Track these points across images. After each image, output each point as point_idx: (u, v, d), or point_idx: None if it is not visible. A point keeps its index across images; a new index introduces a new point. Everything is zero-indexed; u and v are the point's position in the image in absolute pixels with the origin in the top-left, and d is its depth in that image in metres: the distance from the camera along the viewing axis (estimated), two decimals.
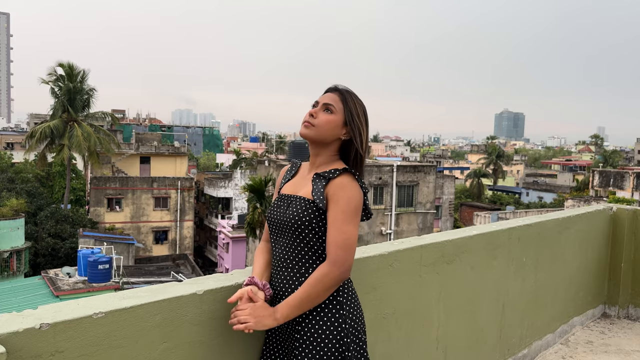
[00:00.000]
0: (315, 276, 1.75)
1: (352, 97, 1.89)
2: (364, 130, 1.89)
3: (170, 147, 43.32)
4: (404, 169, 26.37)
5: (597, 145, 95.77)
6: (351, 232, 1.75)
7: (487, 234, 3.33)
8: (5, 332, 1.41)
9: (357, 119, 1.87)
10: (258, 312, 1.74)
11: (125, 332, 1.63)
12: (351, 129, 1.86)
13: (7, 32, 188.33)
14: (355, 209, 1.77)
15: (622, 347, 4.22)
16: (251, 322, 1.72)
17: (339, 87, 1.91)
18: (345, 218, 1.75)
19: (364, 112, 1.91)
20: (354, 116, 1.86)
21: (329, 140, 1.87)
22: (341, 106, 1.87)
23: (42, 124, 34.38)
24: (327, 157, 1.89)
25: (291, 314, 1.75)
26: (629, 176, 31.15)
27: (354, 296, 1.87)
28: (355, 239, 1.77)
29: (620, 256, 4.79)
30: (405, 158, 66.27)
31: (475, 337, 3.30)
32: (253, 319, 1.73)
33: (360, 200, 1.79)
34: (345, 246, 1.74)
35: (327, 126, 1.85)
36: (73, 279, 21.43)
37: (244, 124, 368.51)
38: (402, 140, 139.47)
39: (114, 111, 52.99)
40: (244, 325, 1.72)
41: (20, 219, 28.48)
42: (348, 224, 1.75)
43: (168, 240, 37.53)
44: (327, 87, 1.94)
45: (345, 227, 1.75)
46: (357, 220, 1.78)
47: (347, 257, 1.75)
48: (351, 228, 1.76)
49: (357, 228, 1.78)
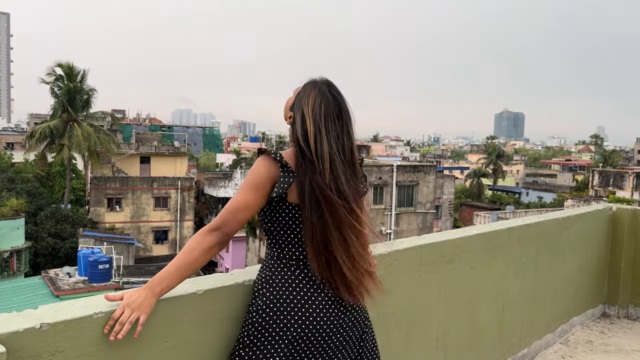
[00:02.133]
0: (193, 237, 1.74)
1: (305, 86, 1.86)
2: (298, 107, 1.81)
3: (170, 147, 43.29)
4: (404, 168, 26.37)
5: (597, 145, 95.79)
6: (239, 198, 1.74)
7: (487, 233, 3.33)
8: (5, 332, 1.41)
9: (295, 99, 1.84)
10: (131, 299, 1.61)
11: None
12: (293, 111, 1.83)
13: (7, 32, 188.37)
14: (250, 179, 1.74)
15: (621, 347, 4.22)
16: (136, 311, 1.60)
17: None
18: (241, 187, 1.76)
19: (304, 91, 1.84)
20: (295, 100, 1.84)
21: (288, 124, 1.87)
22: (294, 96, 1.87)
23: (42, 124, 34.39)
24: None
25: (165, 281, 1.66)
26: (628, 176, 31.15)
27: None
28: (240, 205, 1.73)
29: (620, 256, 4.79)
30: (405, 158, 66.21)
31: (475, 337, 3.30)
32: (130, 310, 1.59)
33: (259, 172, 1.74)
34: (227, 208, 1.74)
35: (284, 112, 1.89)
36: (73, 279, 21.43)
37: (244, 123, 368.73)
38: (401, 140, 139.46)
39: (114, 111, 52.97)
40: (128, 323, 1.58)
41: (20, 218, 28.48)
42: (240, 192, 1.75)
43: (168, 240, 37.52)
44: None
45: (237, 194, 1.75)
46: (252, 190, 1.73)
47: (225, 218, 1.73)
48: (240, 194, 1.74)
49: (248, 196, 1.73)
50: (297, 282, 1.75)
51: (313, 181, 1.71)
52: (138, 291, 1.64)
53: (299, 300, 1.73)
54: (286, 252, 1.78)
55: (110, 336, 1.57)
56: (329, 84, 1.85)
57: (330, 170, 1.73)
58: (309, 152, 1.73)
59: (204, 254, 1.70)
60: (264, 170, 1.74)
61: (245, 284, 1.93)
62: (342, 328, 1.78)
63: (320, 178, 1.71)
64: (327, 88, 1.83)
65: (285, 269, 1.77)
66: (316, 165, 1.72)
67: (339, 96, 1.83)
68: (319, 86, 1.83)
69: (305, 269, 1.77)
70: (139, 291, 1.64)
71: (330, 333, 1.75)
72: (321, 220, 1.72)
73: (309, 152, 1.73)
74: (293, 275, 1.76)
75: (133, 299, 1.61)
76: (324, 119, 1.76)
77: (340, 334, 1.78)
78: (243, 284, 1.92)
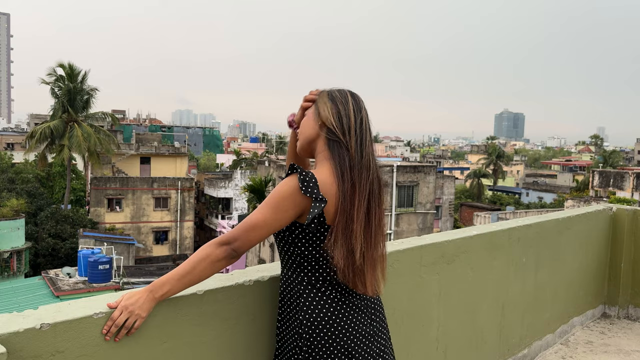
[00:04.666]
0: (202, 248, 1.70)
1: (324, 95, 1.85)
2: (330, 113, 1.79)
3: (170, 147, 43.30)
4: (404, 169, 26.38)
5: (597, 146, 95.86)
6: (256, 216, 1.69)
7: (487, 234, 3.33)
8: (5, 332, 1.41)
9: (323, 106, 1.82)
10: (130, 301, 1.60)
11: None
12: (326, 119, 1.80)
13: (7, 33, 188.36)
14: (273, 198, 1.69)
15: (622, 347, 4.22)
16: (134, 313, 1.59)
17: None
18: (260, 206, 1.70)
19: (334, 98, 1.82)
20: (321, 108, 1.82)
21: (313, 138, 1.83)
22: (313, 105, 1.86)
23: (42, 124, 34.40)
24: (317, 159, 1.84)
25: (167, 286, 1.64)
26: (628, 176, 31.14)
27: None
28: (256, 223, 1.68)
29: (620, 256, 4.79)
30: (405, 158, 66.15)
31: (475, 337, 3.30)
32: (128, 313, 1.58)
33: (283, 192, 1.68)
34: (241, 224, 1.70)
35: (302, 127, 1.85)
36: (73, 279, 21.44)
37: (244, 124, 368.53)
38: (402, 140, 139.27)
39: (114, 111, 53.01)
40: (124, 328, 1.59)
41: (20, 219, 28.53)
42: (258, 210, 1.69)
43: (168, 240, 37.52)
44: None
45: (255, 212, 1.70)
46: (273, 209, 1.67)
47: (243, 234, 1.68)
48: (258, 212, 1.68)
49: (266, 215, 1.68)
50: (337, 307, 1.75)
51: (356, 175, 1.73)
52: (138, 293, 1.63)
53: (343, 327, 1.73)
54: (320, 273, 1.76)
55: (106, 336, 1.57)
56: (356, 96, 1.86)
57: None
58: (357, 156, 1.74)
59: (210, 266, 1.67)
60: (284, 190, 1.69)
61: (246, 284, 1.93)
62: (379, 330, 1.83)
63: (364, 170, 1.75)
64: (358, 102, 1.84)
65: (321, 295, 1.75)
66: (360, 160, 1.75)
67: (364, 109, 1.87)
68: (355, 98, 1.84)
69: (337, 287, 1.76)
70: (139, 293, 1.63)
71: (373, 345, 1.78)
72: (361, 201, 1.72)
73: (341, 164, 1.73)
74: (330, 300, 1.74)
75: (132, 301, 1.60)
76: (367, 131, 1.81)
77: (380, 336, 1.82)
78: (243, 284, 1.92)
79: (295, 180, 1.69)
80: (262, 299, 1.97)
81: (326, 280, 1.75)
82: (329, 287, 1.75)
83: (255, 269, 2.08)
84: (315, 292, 1.74)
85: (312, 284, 1.75)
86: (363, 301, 1.80)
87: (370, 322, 1.80)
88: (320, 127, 1.80)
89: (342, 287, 1.76)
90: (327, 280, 1.75)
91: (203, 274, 1.67)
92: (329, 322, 1.72)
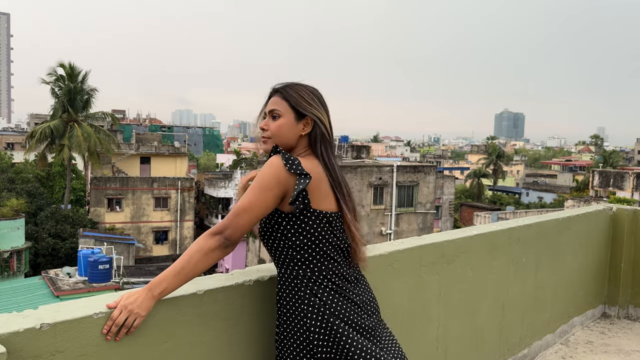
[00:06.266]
0: (195, 241, 1.71)
1: (293, 89, 1.82)
2: (318, 112, 1.81)
3: (170, 147, 43.29)
4: (404, 169, 26.36)
5: (597, 146, 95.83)
6: (242, 201, 1.69)
7: (487, 234, 3.33)
8: (5, 332, 1.41)
9: (308, 106, 1.80)
10: (129, 301, 1.60)
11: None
12: (310, 118, 1.80)
13: (7, 33, 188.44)
14: (261, 180, 1.69)
15: (622, 347, 4.22)
16: (133, 312, 1.58)
17: (277, 87, 1.85)
18: (250, 188, 1.70)
19: (312, 96, 1.82)
20: (303, 107, 1.80)
21: (292, 143, 1.81)
22: (286, 105, 1.80)
23: (42, 124, 34.40)
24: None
25: (165, 283, 1.64)
26: (628, 176, 31.15)
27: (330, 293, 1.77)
28: (243, 208, 1.69)
29: (620, 256, 4.79)
30: (405, 158, 66.20)
31: (475, 337, 3.30)
32: (127, 312, 1.58)
33: (267, 171, 1.69)
34: (230, 213, 1.70)
35: (280, 132, 1.80)
36: (73, 279, 21.43)
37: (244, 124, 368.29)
38: (402, 140, 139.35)
39: (114, 111, 53.00)
40: (124, 327, 1.59)
41: (20, 219, 28.51)
42: (249, 193, 1.69)
43: (168, 240, 37.52)
44: (269, 93, 1.87)
45: (246, 196, 1.70)
46: (257, 190, 1.69)
47: (232, 221, 1.68)
48: (249, 196, 1.69)
49: (251, 198, 1.68)
50: (342, 300, 1.77)
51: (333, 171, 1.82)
52: (137, 292, 1.63)
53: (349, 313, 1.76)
54: (319, 266, 1.77)
55: (107, 336, 1.57)
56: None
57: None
58: (327, 151, 1.82)
59: (204, 258, 1.67)
60: (272, 171, 1.70)
61: (246, 284, 1.93)
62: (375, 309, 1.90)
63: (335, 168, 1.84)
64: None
65: (317, 288, 1.76)
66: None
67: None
68: (302, 87, 1.85)
69: (337, 271, 1.79)
70: (138, 292, 1.63)
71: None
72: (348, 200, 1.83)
73: (326, 151, 1.82)
74: (328, 289, 1.77)
75: (131, 300, 1.60)
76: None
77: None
78: (243, 284, 1.92)
79: (279, 159, 1.71)
80: (262, 299, 1.97)
81: (322, 271, 1.76)
82: (325, 278, 1.76)
83: (255, 269, 2.08)
84: (312, 286, 1.75)
85: (307, 276, 1.76)
86: (357, 282, 1.85)
87: (369, 301, 1.85)
88: (303, 129, 1.81)
89: (337, 274, 1.78)
90: (323, 271, 1.76)
91: (198, 266, 1.67)
92: (332, 314, 1.73)
